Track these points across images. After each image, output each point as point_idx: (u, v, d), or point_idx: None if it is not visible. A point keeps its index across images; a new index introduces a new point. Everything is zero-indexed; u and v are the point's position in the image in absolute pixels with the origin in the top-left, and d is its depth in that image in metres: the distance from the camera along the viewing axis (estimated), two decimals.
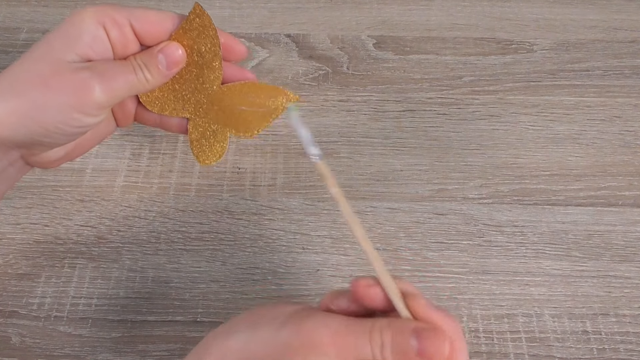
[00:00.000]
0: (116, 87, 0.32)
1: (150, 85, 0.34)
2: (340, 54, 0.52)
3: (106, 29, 0.33)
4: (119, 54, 0.34)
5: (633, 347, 0.38)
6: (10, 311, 0.39)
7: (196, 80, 0.37)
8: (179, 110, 0.38)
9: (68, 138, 0.33)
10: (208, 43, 0.36)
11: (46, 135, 0.32)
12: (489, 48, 0.53)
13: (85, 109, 0.32)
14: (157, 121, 0.39)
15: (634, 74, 0.51)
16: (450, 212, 0.43)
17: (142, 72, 0.34)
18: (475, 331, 0.39)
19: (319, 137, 0.47)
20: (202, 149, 0.39)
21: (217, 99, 0.38)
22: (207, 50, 0.36)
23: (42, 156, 0.34)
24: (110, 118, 0.37)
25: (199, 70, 0.37)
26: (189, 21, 0.35)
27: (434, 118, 0.48)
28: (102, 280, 0.40)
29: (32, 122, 0.31)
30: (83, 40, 0.32)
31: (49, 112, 0.31)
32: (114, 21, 0.33)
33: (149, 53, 0.34)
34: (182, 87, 0.37)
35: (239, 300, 0.40)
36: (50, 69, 0.31)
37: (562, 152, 0.47)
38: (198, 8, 0.35)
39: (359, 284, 0.27)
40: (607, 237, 0.42)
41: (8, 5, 0.55)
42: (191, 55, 0.36)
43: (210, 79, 0.37)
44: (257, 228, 0.43)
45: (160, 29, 0.35)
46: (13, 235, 0.42)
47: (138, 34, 0.34)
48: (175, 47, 0.35)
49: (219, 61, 0.36)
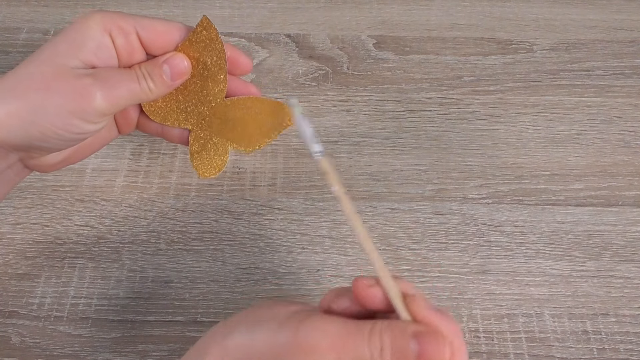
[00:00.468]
0: (118, 95, 0.32)
1: (153, 95, 0.34)
2: (340, 54, 0.52)
3: (112, 36, 0.33)
4: (124, 62, 0.34)
5: (633, 347, 0.38)
6: (10, 311, 0.39)
7: (200, 93, 0.37)
8: (181, 122, 0.38)
9: (66, 144, 0.33)
10: (214, 56, 0.36)
11: (44, 140, 0.31)
12: (489, 48, 0.53)
13: (85, 115, 0.32)
14: (158, 130, 0.39)
15: (634, 74, 0.51)
16: (450, 212, 0.43)
17: (145, 81, 0.33)
18: (475, 331, 0.39)
19: (319, 137, 0.47)
20: (202, 161, 0.39)
21: (220, 112, 0.38)
22: (213, 63, 0.36)
23: (40, 160, 0.34)
24: (112, 124, 0.37)
25: (204, 83, 0.37)
26: (196, 33, 0.35)
27: (434, 118, 0.48)
28: (102, 280, 0.40)
29: (31, 125, 0.31)
30: (88, 47, 0.32)
31: (48, 116, 0.31)
32: (120, 29, 0.33)
33: (154, 63, 0.34)
34: (186, 98, 0.37)
35: (239, 300, 0.40)
36: (53, 73, 0.31)
37: (562, 152, 0.47)
38: (206, 21, 0.35)
39: (360, 283, 0.27)
40: (607, 237, 0.42)
41: (8, 5, 0.55)
42: (196, 67, 0.36)
43: (214, 91, 0.37)
44: (257, 228, 0.43)
45: (167, 39, 0.34)
46: (13, 235, 0.42)
47: (144, 43, 0.34)
48: (180, 59, 0.35)
49: (224, 74, 0.36)
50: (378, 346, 0.25)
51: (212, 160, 0.39)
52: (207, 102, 0.37)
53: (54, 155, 0.35)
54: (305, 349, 0.24)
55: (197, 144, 0.39)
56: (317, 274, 0.41)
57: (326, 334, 0.25)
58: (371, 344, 0.25)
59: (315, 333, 0.25)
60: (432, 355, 0.24)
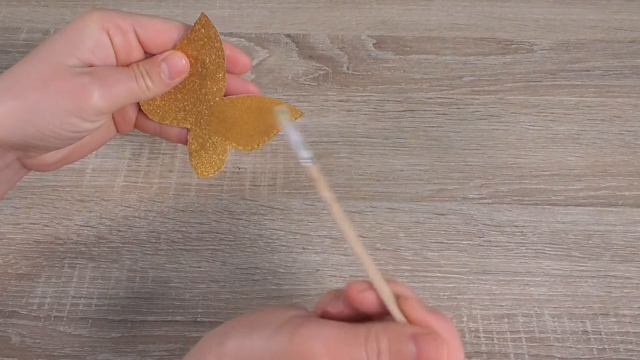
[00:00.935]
0: (116, 93, 0.32)
1: (151, 94, 0.34)
2: (340, 54, 0.52)
3: (110, 35, 0.32)
4: (121, 60, 0.34)
5: (633, 347, 0.38)
6: (10, 311, 0.39)
7: (199, 91, 0.37)
8: (180, 120, 0.38)
9: (64, 142, 0.33)
10: (212, 54, 0.35)
11: (42, 138, 0.31)
12: (489, 48, 0.53)
13: (82, 114, 0.31)
14: (157, 130, 0.39)
15: (634, 74, 0.51)
16: (450, 212, 0.43)
17: (143, 80, 0.33)
18: (475, 331, 0.39)
19: (319, 137, 0.47)
20: (201, 160, 0.39)
21: (219, 111, 0.38)
22: (211, 62, 0.35)
23: (38, 159, 0.34)
24: (111, 123, 0.37)
25: (202, 81, 0.36)
26: (194, 31, 0.35)
27: (434, 118, 0.48)
28: (102, 280, 0.40)
29: (29, 124, 0.31)
30: (85, 46, 0.32)
31: (45, 114, 0.31)
32: (118, 27, 0.33)
33: (152, 61, 0.34)
34: (184, 97, 0.37)
35: (239, 300, 0.40)
36: (51, 72, 0.31)
37: (562, 152, 0.47)
38: (204, 19, 0.35)
39: (352, 289, 0.26)
40: (607, 237, 0.42)
41: (8, 5, 0.55)
42: (195, 66, 0.36)
43: (213, 90, 0.37)
44: (257, 228, 0.43)
45: (165, 37, 0.34)
46: (13, 235, 0.42)
47: (142, 42, 0.34)
48: (179, 57, 0.34)
49: (222, 73, 0.36)
50: (375, 349, 0.24)
51: (210, 159, 0.39)
52: (206, 100, 0.37)
53: (52, 154, 0.35)
54: (301, 355, 0.24)
55: (196, 142, 0.39)
56: (317, 274, 0.41)
57: (322, 339, 0.24)
58: (368, 348, 0.24)
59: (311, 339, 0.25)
60: (431, 357, 0.24)
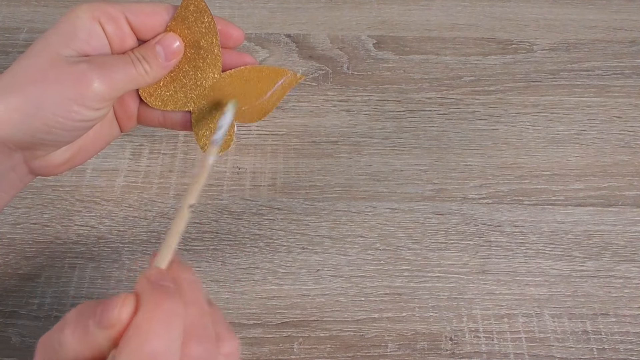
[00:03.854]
0: (115, 78, 0.32)
1: (150, 78, 0.34)
2: (340, 54, 0.52)
3: (102, 24, 0.33)
4: (116, 48, 0.34)
5: (633, 347, 0.38)
6: (10, 311, 0.39)
7: (196, 70, 0.36)
8: (182, 104, 0.37)
9: (70, 134, 0.33)
10: (203, 29, 0.35)
11: (48, 131, 0.31)
12: (489, 48, 0.53)
13: (85, 101, 0.32)
14: (160, 120, 0.38)
15: (634, 74, 0.51)
16: (450, 212, 0.43)
17: (141, 64, 0.33)
18: (475, 331, 0.39)
19: (319, 137, 0.47)
20: (208, 141, 0.38)
21: (219, 88, 0.37)
22: (204, 38, 0.35)
23: (45, 159, 0.34)
24: (113, 121, 0.37)
25: (199, 59, 0.36)
26: (183, 8, 0.34)
27: (434, 118, 0.48)
28: (102, 280, 0.40)
29: (33, 118, 0.31)
30: (79, 37, 0.32)
31: (49, 105, 0.31)
32: (108, 16, 0.33)
33: (147, 45, 0.34)
34: (183, 78, 0.37)
35: (239, 300, 0.40)
36: (48, 63, 0.31)
37: (562, 152, 0.47)
38: None
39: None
40: (607, 237, 0.42)
41: (8, 5, 0.55)
42: (189, 44, 0.35)
43: (210, 66, 0.36)
44: (257, 228, 0.43)
45: (156, 20, 0.34)
46: (13, 235, 0.42)
47: (134, 28, 0.34)
48: (172, 38, 0.35)
49: (217, 48, 0.36)
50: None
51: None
52: (205, 78, 0.37)
53: (59, 155, 0.34)
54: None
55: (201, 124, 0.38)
56: (317, 274, 0.41)
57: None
58: None
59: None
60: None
